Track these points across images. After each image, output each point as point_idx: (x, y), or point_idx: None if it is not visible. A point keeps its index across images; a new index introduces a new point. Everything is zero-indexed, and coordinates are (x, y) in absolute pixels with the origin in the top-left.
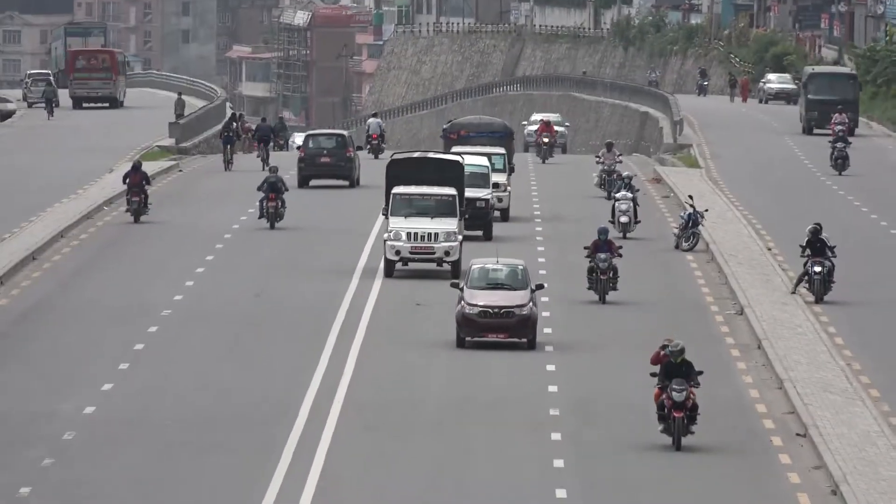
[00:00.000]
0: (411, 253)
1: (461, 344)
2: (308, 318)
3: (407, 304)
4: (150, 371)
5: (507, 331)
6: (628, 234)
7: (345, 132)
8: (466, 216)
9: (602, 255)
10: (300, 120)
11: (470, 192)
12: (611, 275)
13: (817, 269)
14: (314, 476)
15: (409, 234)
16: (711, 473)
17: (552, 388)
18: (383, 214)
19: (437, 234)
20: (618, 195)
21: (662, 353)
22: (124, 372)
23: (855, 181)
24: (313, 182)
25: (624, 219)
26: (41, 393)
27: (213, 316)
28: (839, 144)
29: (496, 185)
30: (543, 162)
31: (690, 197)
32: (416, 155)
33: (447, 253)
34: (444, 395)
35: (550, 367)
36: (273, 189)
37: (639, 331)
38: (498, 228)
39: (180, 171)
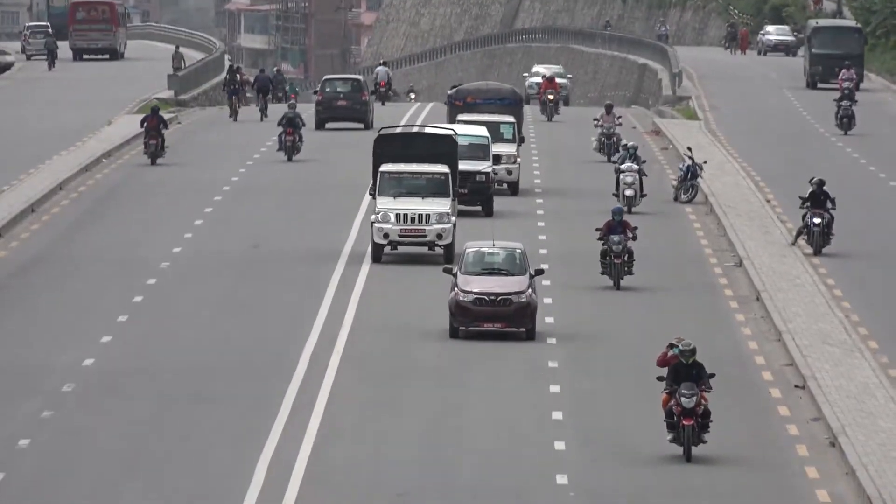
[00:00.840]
0: (401, 236)
1: (454, 334)
2: (306, 270)
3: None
4: (149, 323)
5: (505, 320)
6: (633, 209)
7: (360, 77)
8: (464, 191)
9: (616, 238)
10: (299, 72)
11: (469, 165)
12: (625, 258)
13: (816, 220)
14: (314, 426)
15: (398, 216)
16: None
17: (551, 341)
18: (370, 194)
19: (428, 216)
20: (622, 167)
21: (670, 353)
22: (123, 324)
23: (854, 134)
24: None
25: (629, 192)
26: (40, 345)
27: (212, 268)
28: (844, 103)
29: (499, 159)
30: (549, 120)
31: (689, 149)
32: (401, 130)
33: (440, 236)
34: (443, 345)
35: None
36: (291, 124)
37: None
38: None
39: (179, 123)
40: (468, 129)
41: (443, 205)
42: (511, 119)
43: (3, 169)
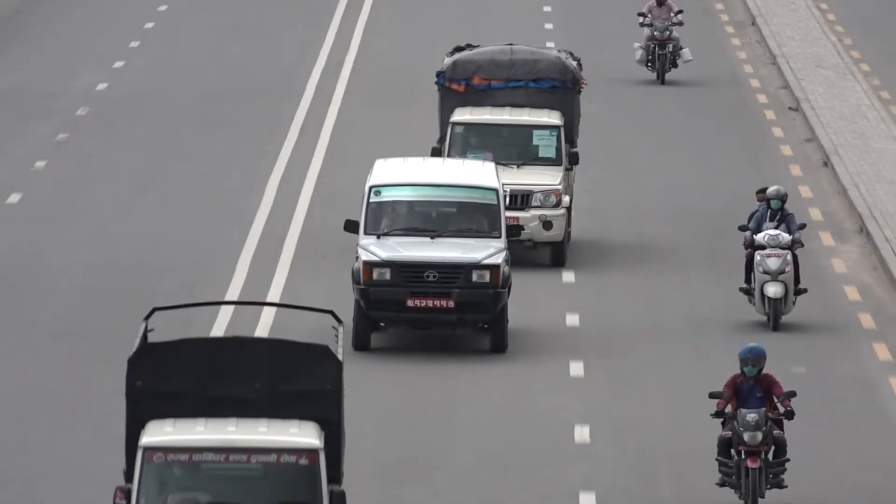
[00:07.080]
0: None
1: None
2: None
3: None
4: (161, 48)
5: None
6: (781, 321)
7: None
8: (451, 304)
9: (751, 416)
10: None
11: (456, 253)
12: (767, 456)
13: None
14: (321, 148)
15: None
16: (706, 164)
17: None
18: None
19: None
20: (761, 236)
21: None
22: (135, 49)
23: None
24: None
25: (774, 290)
26: (54, 70)
27: None
28: None
29: (527, 198)
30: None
31: None
32: (201, 336)
33: None
34: None
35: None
36: None
37: None
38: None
39: None
40: (460, 174)
41: None
42: (553, 120)
43: None
